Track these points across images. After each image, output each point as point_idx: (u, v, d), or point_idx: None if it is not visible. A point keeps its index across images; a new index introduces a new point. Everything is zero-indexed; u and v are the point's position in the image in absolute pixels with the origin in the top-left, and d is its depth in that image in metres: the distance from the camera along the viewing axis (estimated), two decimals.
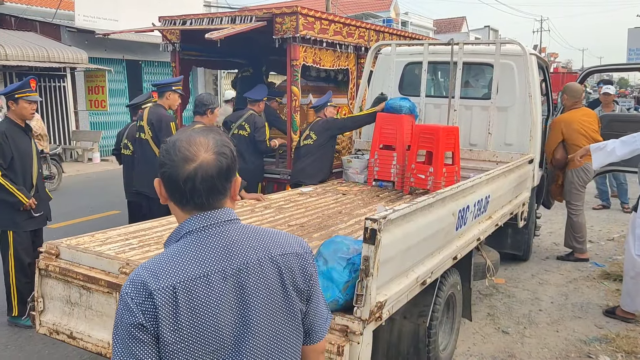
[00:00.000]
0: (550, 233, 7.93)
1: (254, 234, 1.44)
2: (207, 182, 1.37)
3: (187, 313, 1.29)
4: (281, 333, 1.42)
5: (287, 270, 1.44)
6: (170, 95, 5.41)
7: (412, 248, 3.10)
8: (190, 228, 1.39)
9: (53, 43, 15.36)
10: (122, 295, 1.32)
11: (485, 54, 6.32)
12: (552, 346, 4.51)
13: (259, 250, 1.41)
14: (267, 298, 1.39)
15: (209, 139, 1.40)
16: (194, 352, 1.30)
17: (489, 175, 4.41)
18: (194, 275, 1.32)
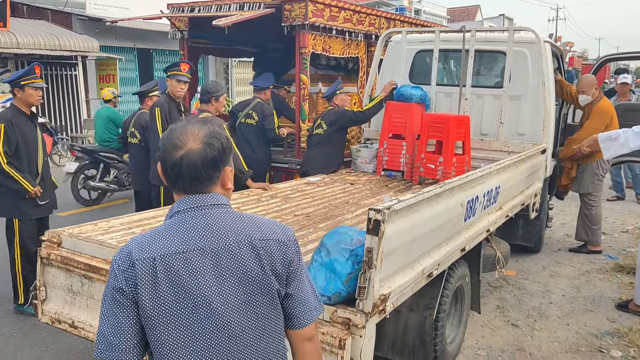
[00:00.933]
0: (562, 224, 7.80)
1: (237, 219, 1.56)
2: (191, 170, 1.50)
3: (165, 284, 1.43)
4: (257, 311, 1.52)
5: (266, 254, 1.53)
6: (168, 82, 5.34)
7: (418, 239, 3.02)
8: (179, 208, 1.54)
9: (64, 31, 15.36)
10: (112, 262, 1.49)
11: (498, 41, 6.18)
12: (562, 340, 4.42)
13: (239, 234, 1.52)
14: (243, 278, 1.50)
15: (200, 130, 1.53)
16: (173, 321, 1.43)
17: (499, 165, 4.31)
18: (174, 250, 1.46)
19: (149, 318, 1.43)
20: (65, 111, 15.71)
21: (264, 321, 1.54)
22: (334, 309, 2.51)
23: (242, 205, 4.41)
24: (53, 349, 4.17)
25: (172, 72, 5.29)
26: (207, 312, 1.45)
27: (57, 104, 15.38)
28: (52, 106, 15.21)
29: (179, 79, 5.29)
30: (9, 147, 4.44)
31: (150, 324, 1.43)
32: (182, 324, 1.44)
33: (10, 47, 13.27)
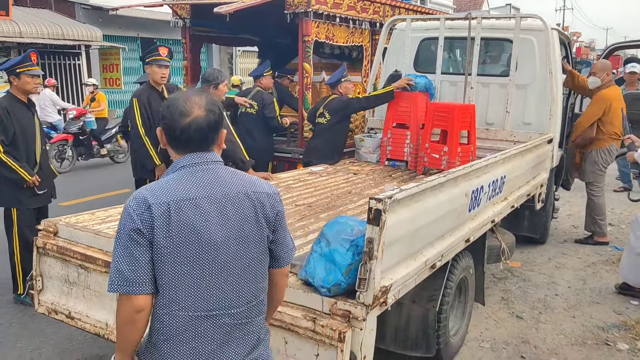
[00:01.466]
0: (568, 215, 7.71)
1: (235, 174, 1.83)
2: (200, 133, 1.74)
3: (177, 224, 1.64)
4: (251, 250, 1.77)
5: (259, 204, 1.79)
6: (148, 69, 5.15)
7: (420, 230, 2.95)
8: (185, 163, 1.76)
9: (67, 20, 15.31)
10: (126, 208, 1.67)
11: (504, 29, 6.07)
12: (568, 332, 4.35)
13: (237, 186, 1.78)
14: (242, 222, 1.75)
15: (201, 98, 1.77)
16: (182, 257, 1.65)
17: (505, 154, 4.22)
18: (185, 197, 1.68)
19: (161, 255, 1.64)
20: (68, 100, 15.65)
21: (256, 260, 1.80)
22: (334, 300, 2.44)
23: None
24: (52, 339, 4.13)
25: (151, 57, 5.07)
26: (212, 250, 1.69)
27: (61, 94, 15.33)
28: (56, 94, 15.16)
29: (159, 64, 5.04)
30: (6, 136, 4.38)
31: (162, 260, 1.64)
32: (190, 260, 1.66)
33: (12, 36, 13.23)
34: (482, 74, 6.08)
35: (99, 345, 4.01)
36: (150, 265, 1.64)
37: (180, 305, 1.67)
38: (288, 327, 2.46)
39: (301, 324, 2.43)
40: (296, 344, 2.47)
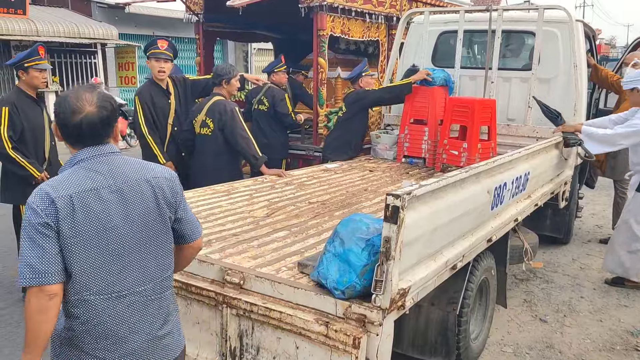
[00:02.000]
0: (592, 215, 7.45)
1: (134, 162, 1.93)
2: (92, 129, 1.82)
3: (82, 215, 1.75)
4: (154, 233, 1.90)
5: (158, 188, 1.92)
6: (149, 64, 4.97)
7: (440, 228, 2.78)
8: (82, 157, 1.84)
9: (84, 19, 15.34)
10: (29, 204, 1.74)
11: (526, 21, 5.85)
12: (595, 337, 4.15)
13: (137, 174, 1.89)
14: (143, 207, 1.87)
15: (93, 95, 1.84)
16: (89, 245, 1.76)
17: (529, 150, 4.03)
18: (86, 188, 1.78)
19: (69, 245, 1.73)
20: None
21: (159, 241, 1.92)
22: (348, 304, 2.28)
23: (255, 192, 4.21)
24: None
25: (149, 51, 4.90)
26: (116, 236, 1.80)
27: None
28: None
29: (157, 57, 4.83)
30: (14, 131, 4.29)
31: (70, 249, 1.73)
32: (97, 247, 1.77)
33: (29, 34, 13.26)
34: (503, 68, 5.87)
35: None
36: (59, 256, 1.73)
37: (92, 290, 1.78)
38: (299, 332, 2.31)
39: (313, 328, 2.28)
40: (308, 349, 2.32)
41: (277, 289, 2.45)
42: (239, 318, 2.50)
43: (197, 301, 2.62)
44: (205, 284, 2.59)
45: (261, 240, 3.08)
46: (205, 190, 4.19)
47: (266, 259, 2.78)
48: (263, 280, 2.49)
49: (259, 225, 3.37)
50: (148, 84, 5.05)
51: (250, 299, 2.45)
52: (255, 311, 2.42)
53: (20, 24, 13.09)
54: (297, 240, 3.13)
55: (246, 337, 2.50)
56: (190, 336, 2.68)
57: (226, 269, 2.57)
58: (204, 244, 2.94)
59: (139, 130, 4.91)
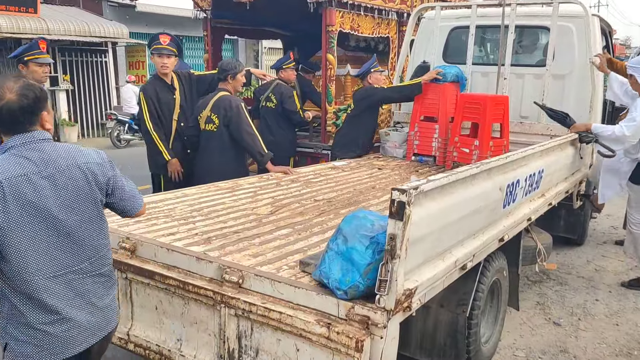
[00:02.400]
0: (608, 216, 7.26)
1: (64, 148, 2.03)
2: (12, 116, 1.90)
3: (13, 200, 1.84)
4: (86, 215, 2.02)
5: (90, 172, 2.04)
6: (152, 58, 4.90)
7: (450, 226, 2.65)
8: (13, 144, 1.93)
9: (94, 18, 15.33)
10: None
11: (540, 15, 5.69)
12: (611, 341, 4.00)
13: (68, 159, 2.00)
14: (75, 192, 1.99)
15: (16, 83, 1.91)
16: (22, 229, 1.86)
17: (544, 146, 3.89)
18: (17, 174, 1.87)
19: (2, 229, 1.82)
20: (95, 98, 15.68)
21: (92, 223, 2.04)
22: (351, 304, 2.16)
23: (260, 190, 4.10)
24: None
25: (153, 46, 4.83)
26: (49, 219, 1.91)
27: (88, 91, 15.37)
28: (82, 93, 15.21)
29: (160, 52, 4.76)
30: None
31: (3, 233, 1.83)
32: (30, 230, 1.88)
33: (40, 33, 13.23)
34: (516, 64, 5.71)
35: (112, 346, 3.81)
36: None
37: (29, 270, 1.89)
38: (299, 334, 2.20)
39: (314, 330, 2.16)
40: (309, 352, 2.20)
41: (277, 288, 2.33)
42: (237, 318, 2.39)
43: (194, 300, 2.51)
44: (202, 283, 2.48)
45: (263, 238, 2.97)
46: (208, 187, 4.10)
47: (267, 257, 2.67)
48: (263, 279, 2.38)
49: (261, 222, 3.27)
50: (152, 80, 4.98)
51: (249, 299, 2.34)
52: (254, 311, 2.31)
53: (31, 23, 13.09)
54: (300, 238, 3.01)
55: (245, 338, 2.39)
56: (188, 337, 2.59)
57: (225, 267, 2.46)
58: (203, 241, 2.86)
59: (144, 126, 4.83)
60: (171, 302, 2.61)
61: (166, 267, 2.62)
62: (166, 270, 2.60)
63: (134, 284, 2.71)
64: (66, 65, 14.77)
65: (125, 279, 2.72)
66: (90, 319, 2.05)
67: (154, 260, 2.68)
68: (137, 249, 2.73)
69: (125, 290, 2.75)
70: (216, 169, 4.66)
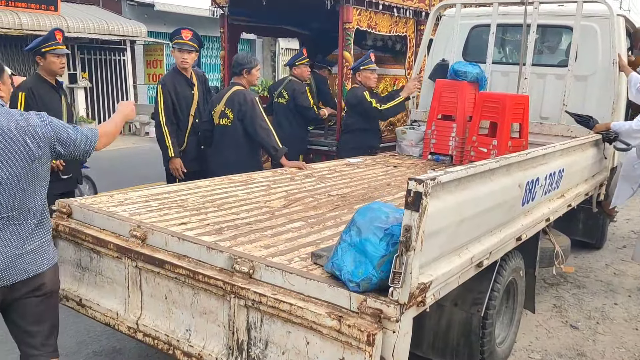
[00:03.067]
0: (627, 220, 7.12)
1: (9, 114, 2.30)
2: None
3: None
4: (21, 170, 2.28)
5: (29, 134, 2.30)
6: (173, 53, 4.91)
7: (467, 221, 2.58)
8: None
9: (114, 16, 15.45)
10: None
11: (564, 15, 5.58)
12: (630, 346, 3.89)
13: (10, 122, 2.27)
14: (10, 150, 2.25)
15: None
16: None
17: (565, 145, 3.81)
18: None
19: None
20: (113, 96, 15.80)
21: (25, 179, 2.29)
22: (363, 297, 2.10)
23: (274, 184, 4.06)
24: (72, 329, 3.95)
25: (174, 41, 4.84)
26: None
27: (105, 88, 15.49)
28: (100, 91, 15.34)
29: (181, 47, 4.80)
30: None
31: None
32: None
33: None
34: (538, 63, 5.61)
35: (117, 339, 3.81)
36: None
37: None
38: (310, 326, 2.14)
39: (325, 322, 2.10)
40: (319, 345, 2.15)
41: (288, 279, 2.28)
42: (247, 309, 2.34)
43: (204, 290, 2.47)
44: (213, 272, 2.44)
45: (275, 230, 2.92)
46: (222, 179, 4.06)
47: (279, 249, 2.62)
48: (274, 270, 2.33)
49: (274, 215, 3.22)
50: (172, 74, 4.98)
51: (259, 290, 2.29)
52: (264, 302, 2.26)
53: (51, 20, 13.22)
54: (313, 231, 2.96)
55: (254, 330, 2.34)
56: (197, 327, 2.55)
57: (235, 257, 2.42)
58: (215, 231, 2.82)
59: (157, 118, 4.82)
60: (181, 292, 2.57)
61: (176, 256, 2.58)
62: (176, 260, 2.56)
63: (143, 272, 2.68)
64: (85, 63, 14.90)
65: (135, 267, 2.69)
66: (8, 263, 2.29)
67: (165, 249, 2.64)
68: (148, 238, 2.69)
69: (135, 278, 2.71)
70: (230, 163, 4.62)
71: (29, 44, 4.56)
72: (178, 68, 4.92)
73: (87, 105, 14.85)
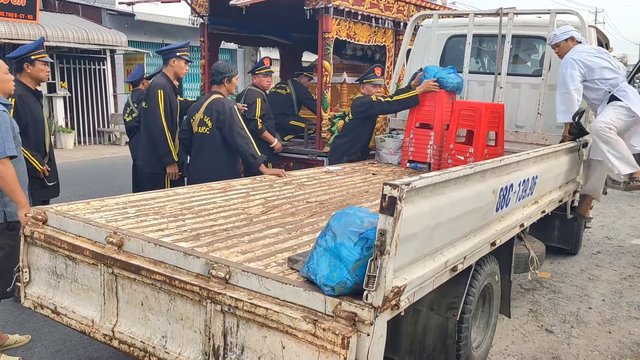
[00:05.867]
0: (602, 226, 7.25)
1: None
2: None
3: None
4: None
5: None
6: (175, 62, 5.07)
7: (441, 226, 2.62)
8: None
9: (93, 25, 15.36)
10: None
11: (537, 25, 5.71)
12: (603, 349, 3.96)
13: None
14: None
15: None
16: None
17: (539, 152, 3.88)
18: None
19: None
20: (93, 105, 15.66)
21: None
22: (338, 301, 2.12)
23: (252, 191, 4.08)
24: (47, 339, 3.90)
25: (182, 52, 5.11)
26: None
27: (85, 98, 15.35)
28: (80, 100, 15.20)
29: (187, 59, 5.15)
30: (19, 124, 4.16)
31: None
32: None
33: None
34: (513, 73, 5.73)
35: (94, 348, 3.77)
36: None
37: None
38: (285, 330, 2.15)
39: (300, 326, 2.12)
40: (294, 349, 2.16)
41: (264, 284, 2.29)
42: (223, 314, 2.35)
43: (180, 296, 2.47)
44: (189, 278, 2.44)
45: (252, 236, 2.93)
46: (200, 187, 4.07)
47: (255, 254, 2.63)
48: (250, 275, 2.34)
49: (252, 222, 3.23)
50: (166, 81, 5.05)
51: (235, 295, 2.30)
52: (240, 307, 2.27)
53: (30, 29, 13.09)
54: (290, 237, 2.98)
55: (231, 335, 2.35)
56: (173, 333, 2.54)
57: (212, 263, 2.42)
58: (192, 237, 2.83)
59: (158, 122, 4.88)
60: (157, 298, 2.56)
61: (153, 263, 2.58)
62: (153, 266, 2.56)
63: (120, 279, 2.67)
64: (64, 72, 14.77)
65: (111, 274, 2.68)
66: None
67: (141, 256, 2.63)
68: (124, 244, 2.69)
69: (111, 285, 2.70)
70: (209, 171, 4.63)
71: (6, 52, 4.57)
72: (173, 76, 5.11)
73: (66, 115, 14.70)
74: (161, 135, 4.93)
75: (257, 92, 5.94)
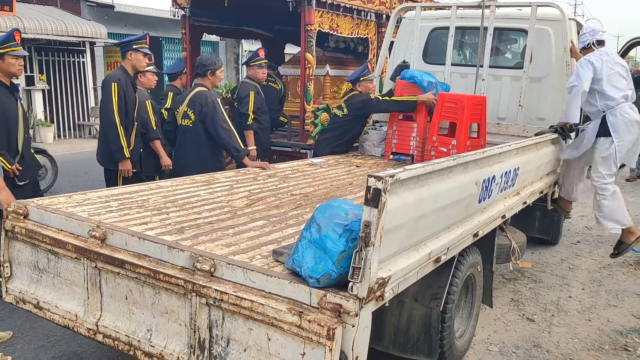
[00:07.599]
0: (582, 217, 7.37)
1: None
2: None
3: None
4: None
5: None
6: (132, 55, 4.78)
7: (425, 218, 2.64)
8: None
9: (72, 17, 15.11)
10: None
11: (519, 18, 5.75)
12: (583, 336, 4.03)
13: None
14: None
15: None
16: None
17: (520, 144, 3.93)
18: None
19: None
20: (72, 98, 15.44)
21: None
22: (323, 293, 2.13)
23: (236, 184, 4.07)
24: (29, 335, 3.86)
25: (139, 45, 4.79)
26: None
27: (64, 91, 15.13)
28: (59, 93, 14.98)
29: (146, 52, 4.81)
30: None
31: None
32: None
33: None
34: (495, 65, 5.77)
35: (77, 343, 3.74)
36: None
37: None
38: (271, 322, 2.16)
39: (286, 318, 2.13)
40: (280, 341, 2.17)
41: (250, 277, 2.30)
42: (208, 307, 2.35)
43: (165, 289, 2.46)
44: (174, 271, 2.44)
45: (237, 229, 2.93)
46: (184, 179, 4.05)
47: (240, 247, 2.64)
48: (235, 268, 2.34)
49: (236, 214, 3.23)
50: (123, 73, 4.79)
51: (220, 287, 2.30)
52: (225, 300, 2.27)
53: (6, 20, 12.84)
54: (275, 230, 2.98)
55: (216, 328, 2.35)
56: (158, 327, 2.54)
57: (197, 256, 2.42)
58: (176, 231, 2.82)
59: (110, 117, 4.64)
60: (141, 292, 2.55)
61: (137, 256, 2.57)
62: (137, 259, 2.55)
63: (103, 273, 2.65)
64: (42, 64, 14.53)
65: (95, 268, 2.66)
66: None
67: (125, 249, 2.62)
68: (108, 238, 2.67)
69: (95, 279, 2.68)
70: (192, 164, 4.61)
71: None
72: (135, 68, 4.85)
73: (45, 108, 14.47)
74: (112, 130, 4.67)
75: (251, 85, 5.79)
